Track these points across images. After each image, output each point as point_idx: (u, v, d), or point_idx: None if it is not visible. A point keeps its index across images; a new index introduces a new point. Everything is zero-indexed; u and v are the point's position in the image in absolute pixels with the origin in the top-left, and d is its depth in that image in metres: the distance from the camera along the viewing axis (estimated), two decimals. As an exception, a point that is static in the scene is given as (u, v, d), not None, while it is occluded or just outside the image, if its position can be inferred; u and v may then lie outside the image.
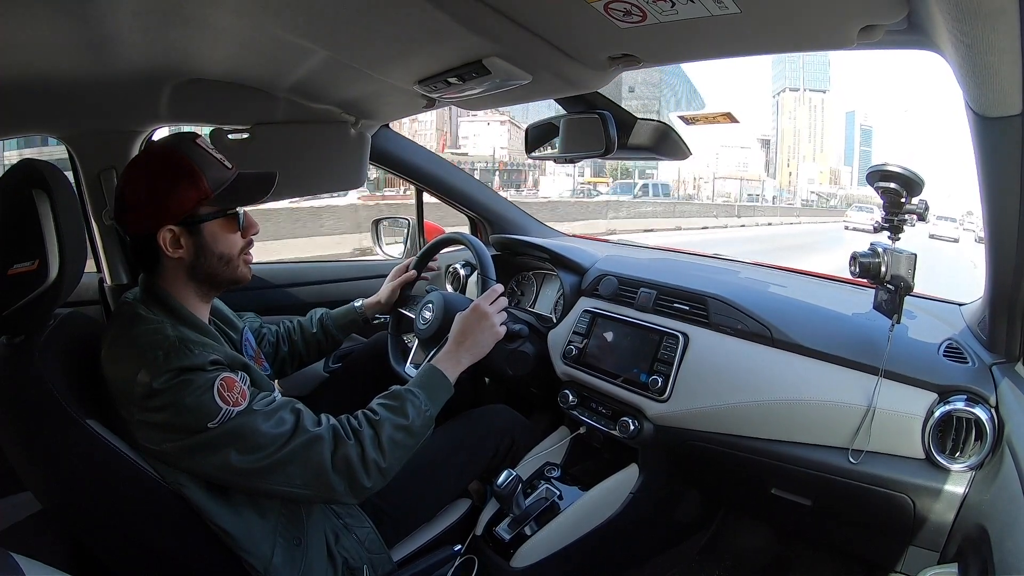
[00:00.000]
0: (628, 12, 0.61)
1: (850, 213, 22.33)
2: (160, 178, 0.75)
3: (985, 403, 0.84)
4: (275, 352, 1.15)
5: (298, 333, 1.18)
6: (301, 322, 1.20)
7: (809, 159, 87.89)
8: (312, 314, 1.22)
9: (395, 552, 0.97)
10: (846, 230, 19.23)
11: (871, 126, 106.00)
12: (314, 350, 1.19)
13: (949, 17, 0.48)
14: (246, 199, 0.83)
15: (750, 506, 1.28)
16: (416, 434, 0.83)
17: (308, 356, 1.19)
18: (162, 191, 0.75)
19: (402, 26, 0.70)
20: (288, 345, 1.17)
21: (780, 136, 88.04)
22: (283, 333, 1.17)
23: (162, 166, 0.76)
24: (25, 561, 0.49)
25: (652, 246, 1.84)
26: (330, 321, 1.20)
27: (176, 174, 0.76)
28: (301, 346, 1.18)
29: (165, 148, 0.78)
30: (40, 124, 1.06)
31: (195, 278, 0.80)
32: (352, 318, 1.22)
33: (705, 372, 1.06)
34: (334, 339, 1.21)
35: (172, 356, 0.69)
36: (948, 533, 0.84)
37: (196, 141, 0.79)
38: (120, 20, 0.70)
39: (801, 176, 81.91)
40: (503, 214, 1.73)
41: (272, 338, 1.15)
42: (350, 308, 1.24)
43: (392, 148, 1.51)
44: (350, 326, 1.22)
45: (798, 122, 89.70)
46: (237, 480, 0.72)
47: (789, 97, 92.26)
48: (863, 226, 18.27)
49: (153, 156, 0.78)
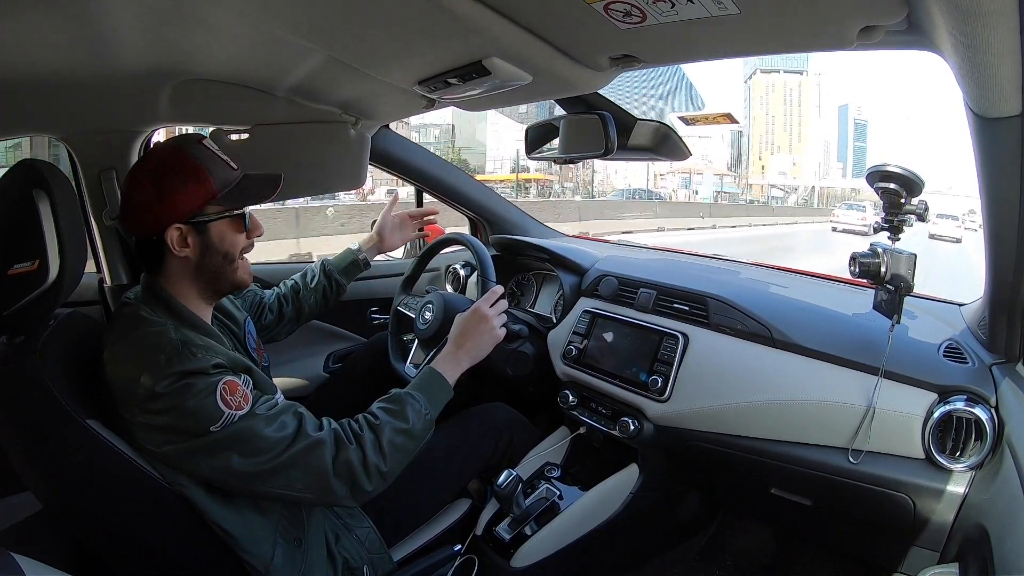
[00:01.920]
0: (628, 13, 0.61)
1: (838, 212, 20.18)
2: (168, 178, 0.76)
3: (985, 403, 0.84)
4: (279, 315, 1.18)
5: (302, 287, 1.21)
6: (303, 277, 1.23)
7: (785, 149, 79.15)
8: (312, 266, 1.25)
9: (395, 552, 0.97)
10: (833, 231, 17.95)
11: (866, 120, 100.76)
12: (320, 299, 1.23)
13: (949, 18, 0.48)
14: (252, 199, 0.83)
15: (750, 506, 1.28)
16: (416, 437, 0.83)
17: (315, 306, 1.23)
18: (170, 190, 0.75)
19: (402, 26, 0.70)
20: (291, 303, 1.20)
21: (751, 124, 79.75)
22: (284, 293, 1.20)
23: (170, 166, 0.76)
24: (25, 561, 0.49)
25: (652, 246, 1.84)
26: (332, 267, 1.24)
27: (184, 174, 0.76)
28: (307, 298, 1.21)
29: (172, 148, 0.79)
30: (40, 124, 1.06)
31: (199, 278, 0.81)
32: (352, 259, 1.27)
33: (705, 372, 1.06)
34: (338, 284, 1.25)
35: (175, 359, 0.69)
36: (948, 533, 0.84)
37: (202, 142, 0.80)
38: (120, 20, 0.70)
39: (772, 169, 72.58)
40: (503, 214, 1.73)
41: (273, 304, 1.18)
42: (348, 251, 1.28)
43: (392, 148, 1.51)
44: (352, 269, 1.26)
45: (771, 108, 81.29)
46: (238, 483, 0.73)
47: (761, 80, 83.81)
48: (855, 227, 17.31)
49: (160, 156, 0.78)
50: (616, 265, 1.36)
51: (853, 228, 17.45)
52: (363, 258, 1.27)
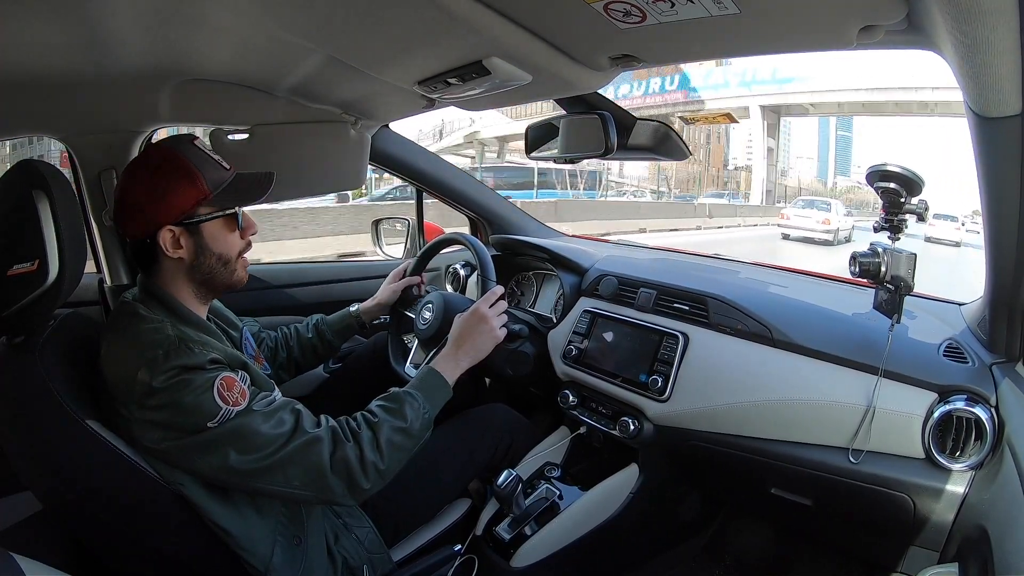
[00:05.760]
0: (628, 12, 0.61)
1: (790, 212, 14.16)
2: (158, 179, 0.76)
3: (985, 403, 0.84)
4: (273, 357, 1.15)
5: (295, 339, 1.18)
6: (298, 328, 1.20)
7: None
8: (309, 320, 1.22)
9: (395, 552, 0.97)
10: (785, 239, 13.10)
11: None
12: (310, 356, 1.19)
13: (949, 17, 0.48)
14: (244, 199, 0.83)
15: (750, 506, 1.28)
16: (415, 436, 0.83)
17: (305, 362, 1.19)
18: (161, 192, 0.75)
19: (402, 26, 0.70)
20: (286, 351, 1.17)
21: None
22: (281, 339, 1.17)
23: (160, 167, 0.76)
24: (25, 561, 0.49)
25: (652, 246, 1.84)
26: (326, 327, 1.20)
27: (174, 175, 0.76)
28: (298, 352, 1.18)
29: (162, 149, 0.79)
30: (40, 124, 1.06)
31: (194, 279, 0.81)
32: (348, 323, 1.22)
33: (705, 372, 1.06)
34: (330, 344, 1.20)
35: (172, 355, 0.70)
36: (948, 533, 0.84)
37: (193, 142, 0.80)
38: (120, 20, 0.70)
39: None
40: (503, 214, 1.73)
41: (271, 343, 1.15)
42: (345, 313, 1.23)
43: (392, 148, 1.51)
44: (346, 331, 1.22)
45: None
46: (236, 480, 0.72)
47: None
48: (815, 233, 12.83)
49: (151, 158, 0.78)
50: (616, 265, 1.36)
51: (813, 235, 12.98)
52: (359, 320, 1.23)
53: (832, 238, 12.82)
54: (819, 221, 13.19)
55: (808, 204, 14.66)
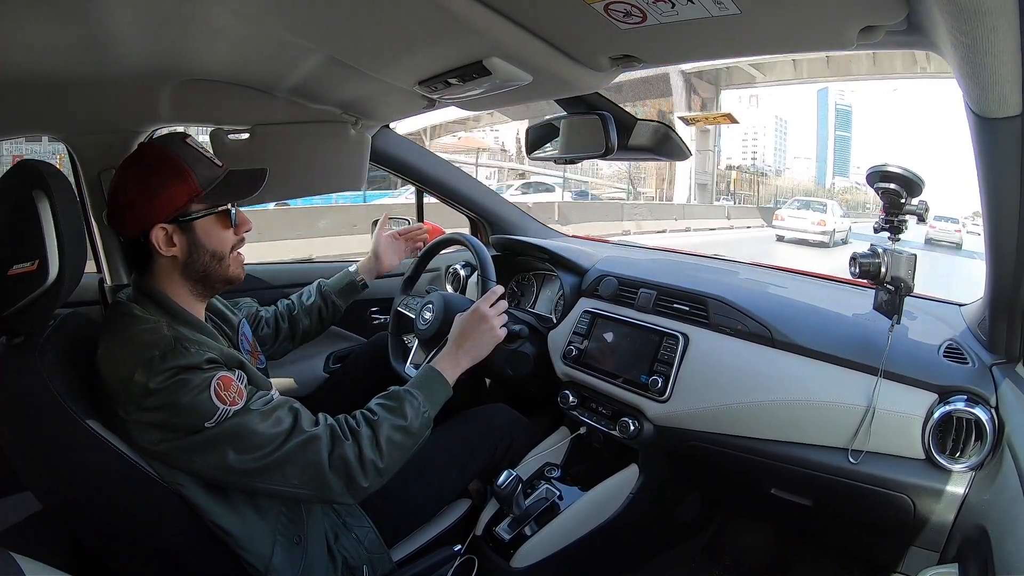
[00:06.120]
0: (628, 13, 0.61)
1: (785, 213, 13.52)
2: (149, 177, 0.76)
3: (985, 403, 0.84)
4: (275, 332, 1.16)
5: (297, 307, 1.20)
6: (299, 296, 1.22)
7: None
8: (309, 287, 1.24)
9: (395, 552, 0.97)
10: (779, 241, 12.63)
11: (849, 105, 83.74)
12: (315, 319, 1.21)
13: (949, 17, 0.48)
14: (237, 195, 0.83)
15: (750, 506, 1.28)
16: (414, 435, 0.83)
17: (310, 327, 1.21)
18: (152, 190, 0.75)
19: (402, 27, 0.70)
20: (288, 321, 1.18)
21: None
22: (281, 311, 1.19)
23: (151, 165, 0.76)
24: (25, 561, 0.49)
25: (652, 247, 1.84)
26: (328, 289, 1.22)
27: (165, 172, 0.76)
28: (302, 318, 1.19)
29: (153, 148, 0.79)
30: (40, 124, 1.06)
31: (189, 277, 0.81)
32: (348, 281, 1.24)
33: (705, 373, 1.06)
34: (334, 305, 1.22)
35: (168, 355, 0.69)
36: (948, 533, 0.84)
37: (185, 140, 0.80)
38: (120, 20, 0.70)
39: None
40: (503, 215, 1.73)
41: (270, 318, 1.17)
42: (345, 272, 1.26)
43: (392, 149, 1.51)
44: (348, 290, 1.24)
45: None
46: (234, 480, 0.72)
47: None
48: (810, 235, 12.44)
49: (142, 156, 0.78)
50: (616, 265, 1.36)
51: (808, 237, 12.51)
52: (360, 280, 1.25)
53: (828, 240, 12.58)
54: (814, 223, 12.86)
55: (804, 205, 14.34)
